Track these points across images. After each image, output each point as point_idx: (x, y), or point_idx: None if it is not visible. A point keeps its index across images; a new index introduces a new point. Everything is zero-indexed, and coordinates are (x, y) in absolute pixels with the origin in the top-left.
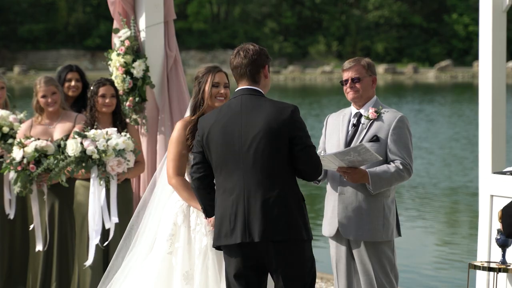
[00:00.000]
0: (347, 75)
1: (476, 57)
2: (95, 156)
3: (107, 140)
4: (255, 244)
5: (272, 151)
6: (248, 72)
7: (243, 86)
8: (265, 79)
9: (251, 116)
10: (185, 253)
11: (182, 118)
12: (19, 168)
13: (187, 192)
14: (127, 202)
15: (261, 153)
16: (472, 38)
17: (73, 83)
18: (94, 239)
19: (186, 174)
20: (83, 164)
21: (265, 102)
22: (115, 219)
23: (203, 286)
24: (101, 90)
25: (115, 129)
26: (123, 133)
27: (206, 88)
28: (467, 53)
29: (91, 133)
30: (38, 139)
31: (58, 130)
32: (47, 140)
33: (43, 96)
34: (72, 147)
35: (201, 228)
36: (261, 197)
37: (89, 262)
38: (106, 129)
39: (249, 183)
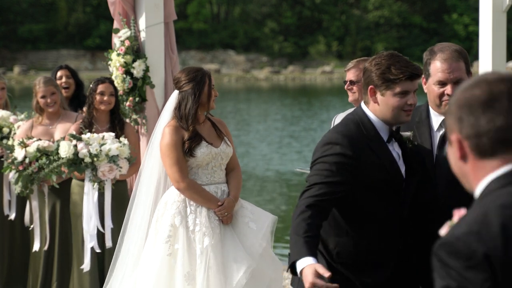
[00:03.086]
0: (347, 76)
1: (476, 57)
2: (87, 159)
3: (101, 145)
4: None
5: None
6: None
7: None
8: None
9: None
10: (185, 254)
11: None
12: (20, 168)
13: (200, 193)
14: (122, 201)
15: None
16: (472, 38)
17: (64, 79)
18: (89, 243)
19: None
20: (76, 166)
21: None
22: (109, 225)
23: (205, 286)
24: (100, 88)
25: (113, 134)
26: (121, 138)
27: (206, 89)
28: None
29: (86, 136)
30: (39, 139)
31: (59, 130)
32: (48, 141)
33: (43, 97)
34: (65, 149)
35: (201, 228)
36: None
37: (85, 266)
38: (103, 134)
39: None
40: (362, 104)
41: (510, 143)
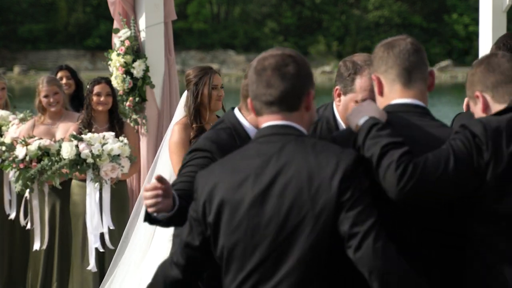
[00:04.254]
0: None
1: (476, 57)
2: (90, 160)
3: (103, 144)
4: None
5: None
6: None
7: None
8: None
9: None
10: None
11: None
12: (21, 166)
13: None
14: (122, 201)
15: None
16: (472, 38)
17: (64, 80)
18: (94, 244)
19: None
20: (78, 167)
21: None
22: (108, 225)
23: None
24: (96, 88)
25: (113, 133)
26: (120, 138)
27: (205, 91)
28: (467, 53)
29: (88, 136)
30: (41, 138)
31: (61, 130)
32: (50, 140)
33: (45, 96)
34: (67, 150)
35: None
36: None
37: (91, 267)
38: (104, 133)
39: None
40: (236, 110)
41: (271, 105)
